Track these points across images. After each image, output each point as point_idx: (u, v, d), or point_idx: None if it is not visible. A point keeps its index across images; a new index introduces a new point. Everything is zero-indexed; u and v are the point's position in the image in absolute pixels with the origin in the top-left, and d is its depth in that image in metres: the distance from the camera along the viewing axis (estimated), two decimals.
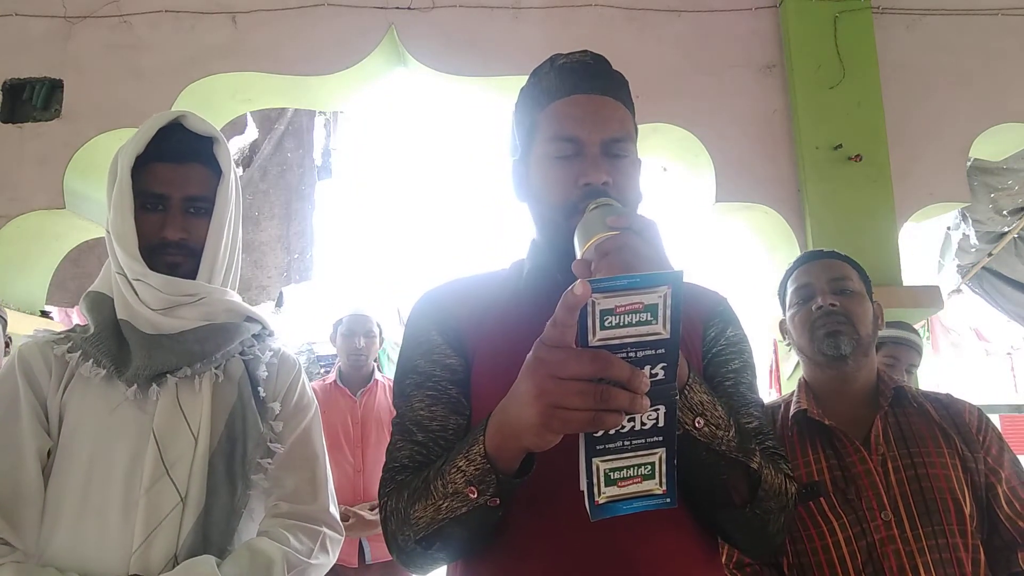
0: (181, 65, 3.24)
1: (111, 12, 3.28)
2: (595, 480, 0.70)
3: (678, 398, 0.77)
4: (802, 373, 1.52)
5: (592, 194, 0.89)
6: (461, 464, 0.80)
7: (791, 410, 1.45)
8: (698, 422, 0.81)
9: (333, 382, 2.91)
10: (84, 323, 1.24)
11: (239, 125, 5.16)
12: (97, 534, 1.08)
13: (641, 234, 0.74)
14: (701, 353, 1.01)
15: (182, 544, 1.09)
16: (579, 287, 0.61)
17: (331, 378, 2.95)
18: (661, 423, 0.70)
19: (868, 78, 3.23)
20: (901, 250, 3.14)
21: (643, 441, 0.70)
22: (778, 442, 1.00)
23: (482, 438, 0.78)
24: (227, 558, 1.10)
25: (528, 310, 0.94)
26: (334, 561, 1.25)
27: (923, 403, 1.43)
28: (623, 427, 0.68)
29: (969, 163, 3.50)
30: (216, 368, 1.20)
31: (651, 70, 3.23)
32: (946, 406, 1.44)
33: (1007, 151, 3.71)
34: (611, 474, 0.70)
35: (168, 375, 1.16)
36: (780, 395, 1.64)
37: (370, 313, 2.95)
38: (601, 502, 0.70)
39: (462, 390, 0.96)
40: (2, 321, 2.35)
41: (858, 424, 1.40)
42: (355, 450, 2.78)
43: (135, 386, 1.14)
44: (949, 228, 4.70)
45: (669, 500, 0.72)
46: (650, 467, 0.70)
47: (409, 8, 3.29)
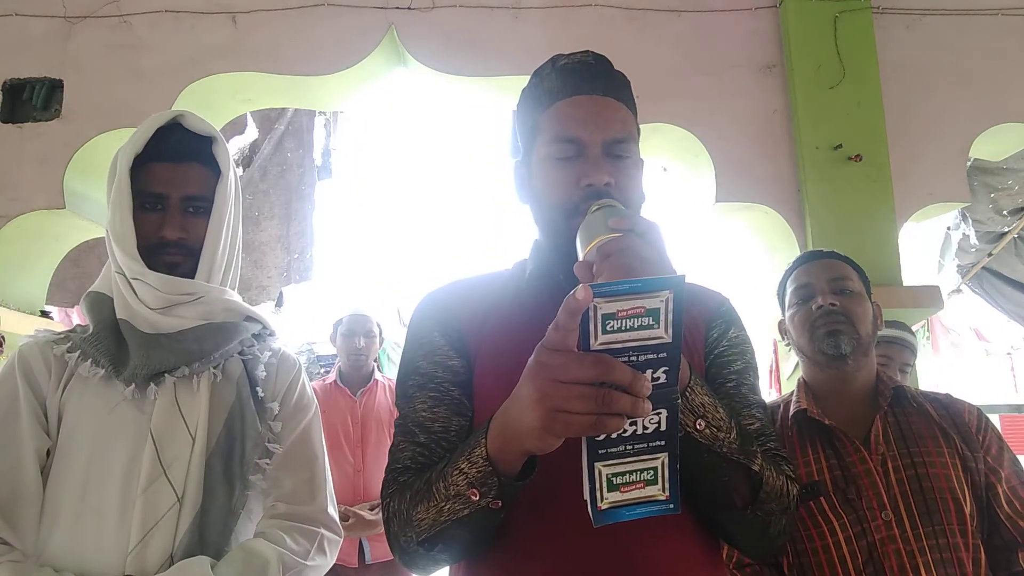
0: (181, 65, 3.23)
1: (111, 12, 3.27)
2: (598, 485, 0.69)
3: (679, 401, 0.77)
4: (802, 373, 1.52)
5: (594, 195, 0.89)
6: (463, 466, 0.80)
7: (791, 410, 1.45)
8: (699, 424, 0.81)
9: (333, 382, 2.91)
10: (84, 323, 1.24)
11: (239, 125, 5.15)
12: (94, 534, 1.08)
13: (643, 236, 0.74)
14: (703, 354, 1.01)
15: (178, 544, 1.08)
16: (581, 292, 0.61)
17: (331, 378, 2.95)
18: (663, 427, 0.70)
19: (868, 78, 3.23)
20: (901, 250, 3.14)
21: (645, 445, 0.70)
22: (780, 443, 1.00)
23: (484, 440, 0.78)
24: (222, 559, 1.10)
25: (530, 311, 0.94)
26: (332, 562, 1.25)
27: (923, 403, 1.44)
28: (625, 431, 0.68)
29: (969, 163, 3.49)
30: (214, 368, 1.20)
31: (651, 70, 3.22)
32: (946, 406, 1.44)
33: (1007, 151, 3.70)
34: (614, 479, 0.69)
35: (166, 375, 1.16)
36: (780, 395, 1.64)
37: (370, 313, 2.95)
38: (604, 508, 0.70)
39: (464, 391, 0.95)
40: None
41: (858, 424, 1.40)
42: (355, 450, 2.78)
43: (133, 386, 1.14)
44: (949, 228, 4.69)
45: (672, 506, 0.71)
46: (653, 472, 0.70)
47: (409, 8, 3.29)
